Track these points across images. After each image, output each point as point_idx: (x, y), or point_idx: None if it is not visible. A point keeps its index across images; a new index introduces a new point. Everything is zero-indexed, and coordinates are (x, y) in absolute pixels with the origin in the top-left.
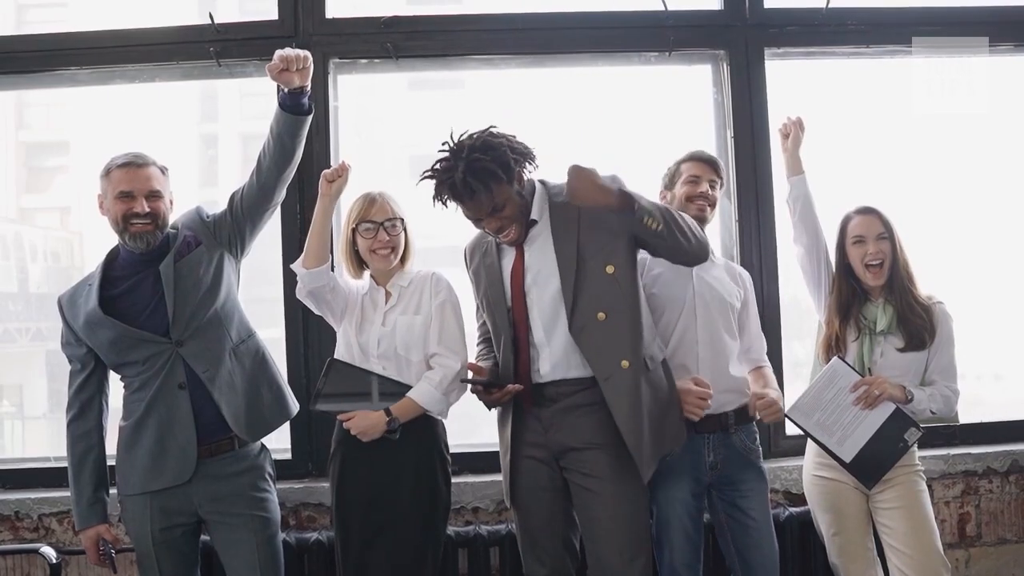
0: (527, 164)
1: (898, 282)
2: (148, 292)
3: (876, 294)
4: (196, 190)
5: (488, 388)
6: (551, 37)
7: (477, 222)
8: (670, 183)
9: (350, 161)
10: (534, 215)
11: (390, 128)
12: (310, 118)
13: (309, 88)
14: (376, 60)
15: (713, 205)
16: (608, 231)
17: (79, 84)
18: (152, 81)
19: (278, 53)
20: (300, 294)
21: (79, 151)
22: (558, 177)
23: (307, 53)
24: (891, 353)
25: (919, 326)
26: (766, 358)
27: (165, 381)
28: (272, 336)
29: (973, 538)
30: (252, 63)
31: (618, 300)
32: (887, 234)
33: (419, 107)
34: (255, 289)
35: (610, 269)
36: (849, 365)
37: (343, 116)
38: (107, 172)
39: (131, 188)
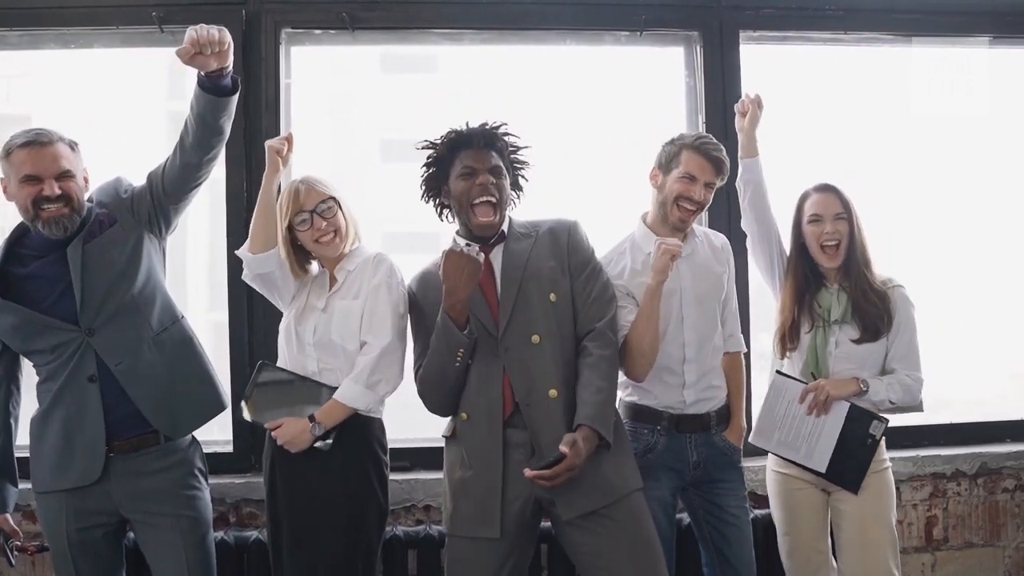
0: (520, 180)
1: (854, 266)
2: (56, 274)
3: (832, 279)
4: None
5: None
6: (519, 12)
7: (468, 175)
8: (666, 166)
9: (322, 143)
10: (504, 228)
11: (362, 110)
12: (235, 97)
13: (230, 67)
14: (332, 31)
15: (701, 210)
16: (558, 267)
17: (7, 47)
18: (89, 47)
19: (189, 34)
20: (246, 277)
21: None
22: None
23: (223, 33)
24: (846, 344)
25: (873, 315)
26: (740, 340)
27: (73, 373)
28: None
29: (940, 542)
30: None
31: (555, 328)
32: (845, 214)
33: (392, 89)
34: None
35: (553, 297)
36: (789, 376)
37: (309, 94)
38: (7, 153)
39: (36, 171)
